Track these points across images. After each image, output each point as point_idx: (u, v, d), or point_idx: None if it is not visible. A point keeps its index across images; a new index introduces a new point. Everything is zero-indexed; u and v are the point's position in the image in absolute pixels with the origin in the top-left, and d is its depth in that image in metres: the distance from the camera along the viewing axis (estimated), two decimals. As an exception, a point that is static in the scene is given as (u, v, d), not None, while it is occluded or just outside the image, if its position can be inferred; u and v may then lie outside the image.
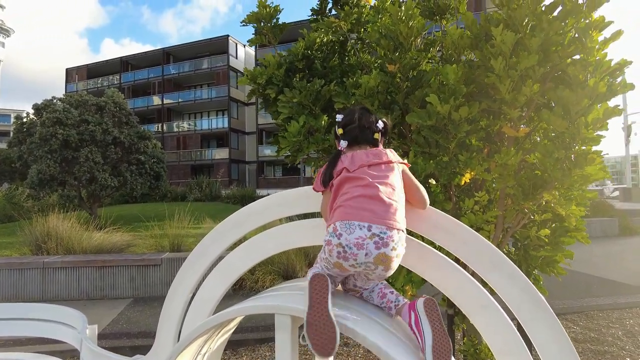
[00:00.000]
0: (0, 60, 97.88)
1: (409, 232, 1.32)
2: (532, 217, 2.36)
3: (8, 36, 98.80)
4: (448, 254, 1.32)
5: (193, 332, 1.21)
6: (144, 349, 2.03)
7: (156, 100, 37.42)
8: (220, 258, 1.73)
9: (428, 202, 1.39)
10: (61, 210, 8.88)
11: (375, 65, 3.10)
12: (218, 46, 35.98)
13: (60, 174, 12.03)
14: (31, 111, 13.20)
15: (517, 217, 2.33)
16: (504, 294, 1.16)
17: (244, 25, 3.25)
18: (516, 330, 1.13)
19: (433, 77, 2.50)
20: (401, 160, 1.43)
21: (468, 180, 2.28)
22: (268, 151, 35.14)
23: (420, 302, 1.15)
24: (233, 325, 1.37)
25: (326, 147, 2.59)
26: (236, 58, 36.65)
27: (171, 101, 37.15)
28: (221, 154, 35.21)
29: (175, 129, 37.07)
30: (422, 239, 1.39)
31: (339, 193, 1.33)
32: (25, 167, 13.17)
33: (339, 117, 1.51)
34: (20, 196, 17.28)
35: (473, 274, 1.31)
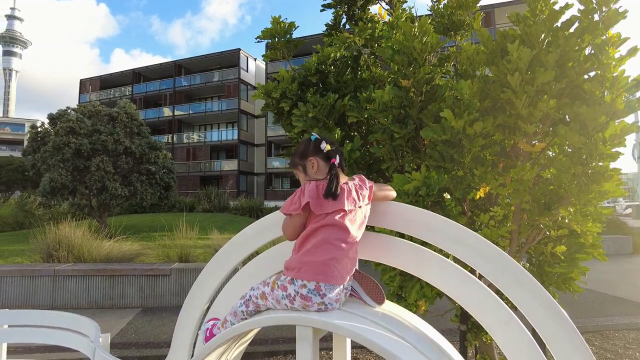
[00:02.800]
0: (17, 71, 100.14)
1: (430, 246, 1.32)
2: (547, 233, 2.34)
3: (25, 48, 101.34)
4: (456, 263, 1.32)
5: (213, 342, 1.22)
6: (154, 360, 2.03)
7: (167, 111, 37.93)
8: (236, 270, 1.73)
9: (394, 194, 1.51)
10: (72, 219, 8.97)
11: (389, 80, 3.14)
12: (229, 59, 36.52)
13: (72, 182, 12.18)
14: (44, 120, 13.48)
15: (532, 232, 2.31)
16: (526, 311, 1.15)
17: (258, 41, 3.30)
18: (538, 347, 1.12)
19: (447, 91, 2.52)
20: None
21: (483, 195, 2.28)
22: (277, 163, 35.29)
23: None
24: (250, 337, 1.37)
25: (340, 160, 2.60)
26: (247, 71, 37.13)
27: (182, 113, 37.62)
28: (230, 165, 35.45)
29: (185, 140, 37.46)
30: (442, 252, 1.39)
31: (323, 231, 1.34)
32: (38, 176, 13.37)
33: (314, 136, 1.51)
34: (32, 204, 17.50)
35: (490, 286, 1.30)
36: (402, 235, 1.56)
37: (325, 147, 1.46)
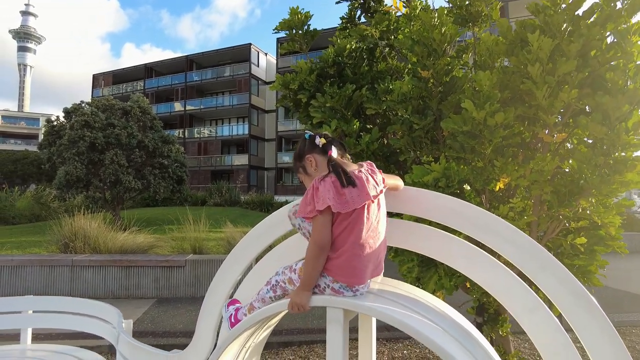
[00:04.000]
0: (31, 67, 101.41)
1: (455, 232, 1.33)
2: (566, 224, 2.33)
3: (39, 43, 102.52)
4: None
5: (241, 325, 1.25)
6: (169, 349, 2.07)
7: (179, 106, 38.19)
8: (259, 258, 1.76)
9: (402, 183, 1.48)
10: (86, 211, 9.12)
11: (406, 71, 3.13)
12: (240, 54, 36.59)
13: (87, 175, 12.38)
14: (57, 115, 13.70)
15: (551, 224, 2.30)
16: (555, 298, 1.15)
17: (276, 32, 3.32)
18: (566, 335, 1.12)
19: (466, 83, 2.51)
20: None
21: (502, 187, 2.28)
22: (287, 158, 35.34)
23: None
24: (275, 321, 1.40)
25: (358, 151, 2.62)
26: (257, 66, 37.17)
27: (193, 107, 37.85)
28: (241, 160, 35.63)
29: (197, 135, 37.70)
30: (469, 239, 1.39)
31: (354, 232, 1.29)
32: (54, 169, 13.60)
33: (308, 134, 1.48)
34: (47, 197, 17.80)
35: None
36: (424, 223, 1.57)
37: (320, 141, 1.42)
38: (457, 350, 1.00)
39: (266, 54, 38.75)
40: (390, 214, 1.54)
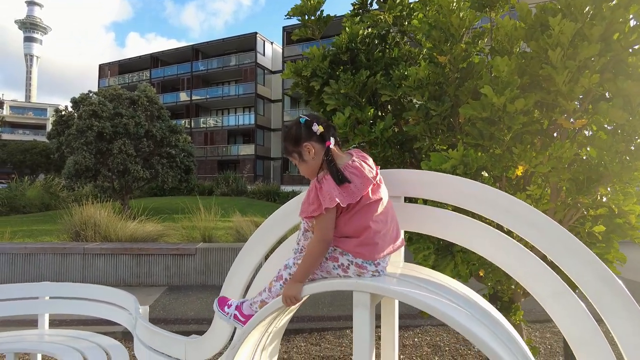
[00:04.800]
0: (37, 57, 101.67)
1: (479, 217, 1.32)
2: (584, 212, 2.30)
3: (45, 34, 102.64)
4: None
5: (267, 308, 1.25)
6: (182, 335, 2.08)
7: (185, 96, 38.20)
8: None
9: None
10: (95, 201, 9.20)
11: (421, 57, 3.09)
12: (246, 43, 36.41)
13: (95, 165, 12.46)
14: (65, 105, 13.77)
15: (569, 211, 2.27)
16: (581, 283, 1.14)
17: (287, 18, 3.28)
18: (594, 320, 1.11)
19: (483, 69, 2.47)
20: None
21: (520, 174, 2.25)
22: (293, 148, 35.27)
23: None
24: (296, 306, 1.40)
25: (372, 138, 2.60)
26: (263, 55, 37.00)
27: (199, 97, 37.85)
28: (247, 150, 35.68)
29: (203, 125, 37.75)
30: (491, 223, 1.38)
31: (363, 214, 1.32)
32: (62, 159, 13.70)
33: (303, 118, 1.44)
34: (56, 186, 17.98)
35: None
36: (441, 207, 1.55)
37: (318, 128, 1.38)
38: (488, 336, 1.00)
39: (272, 43, 38.53)
40: (409, 200, 1.53)
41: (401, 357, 3.61)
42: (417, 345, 3.90)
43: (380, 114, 3.14)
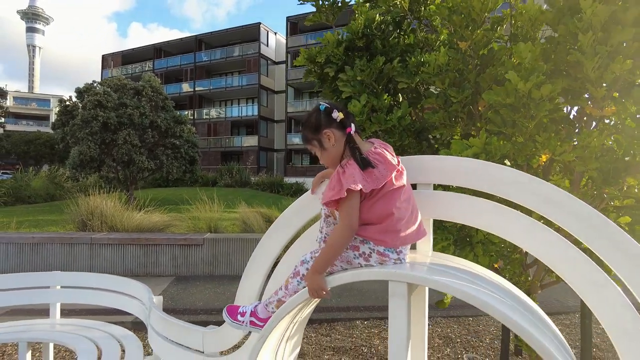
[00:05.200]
0: (40, 47, 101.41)
1: (516, 206, 1.26)
2: (610, 202, 2.24)
3: (47, 24, 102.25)
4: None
5: (297, 297, 1.21)
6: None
7: (188, 87, 38.06)
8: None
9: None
10: (101, 191, 9.19)
11: (438, 43, 3.01)
12: (249, 33, 36.15)
13: (100, 155, 12.43)
14: (68, 96, 13.69)
15: (594, 202, 2.22)
16: (625, 276, 1.08)
17: (301, 3, 3.20)
18: (636, 311, 1.07)
19: (503, 56, 2.40)
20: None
21: (542, 163, 2.19)
22: (296, 139, 35.21)
23: None
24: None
25: (389, 127, 2.54)
26: (267, 46, 36.74)
27: (202, 88, 37.69)
28: (250, 141, 35.59)
29: (206, 116, 37.64)
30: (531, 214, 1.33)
31: (386, 201, 1.30)
32: (66, 149, 13.68)
33: (323, 105, 1.41)
34: (61, 177, 18.01)
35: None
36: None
37: (338, 115, 1.36)
38: (532, 327, 0.95)
39: (275, 34, 38.25)
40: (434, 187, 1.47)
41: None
42: (428, 336, 3.87)
43: (394, 102, 3.08)
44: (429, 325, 4.18)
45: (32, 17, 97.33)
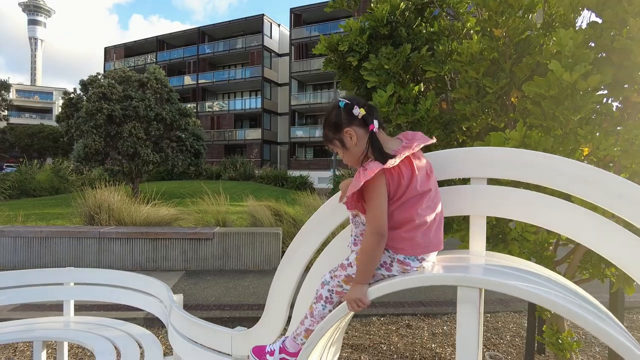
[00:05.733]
0: (42, 40, 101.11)
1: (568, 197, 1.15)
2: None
3: (49, 16, 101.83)
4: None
5: (336, 313, 1.12)
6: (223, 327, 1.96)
7: (191, 79, 37.86)
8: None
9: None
10: (105, 184, 9.13)
11: (464, 31, 2.89)
12: (252, 25, 35.85)
13: (105, 148, 12.34)
14: (70, 89, 13.58)
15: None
16: None
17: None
18: None
19: (538, 45, 2.29)
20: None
21: (584, 157, 2.08)
22: (300, 132, 35.06)
23: None
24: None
25: (417, 118, 2.42)
26: (270, 38, 36.44)
27: (205, 81, 37.49)
28: (254, 134, 35.45)
29: (209, 109, 37.47)
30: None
31: (411, 205, 1.23)
32: (71, 142, 13.60)
33: (343, 102, 1.32)
34: (65, 170, 17.97)
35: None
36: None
37: (359, 112, 1.27)
38: (608, 328, 0.85)
39: (279, 25, 37.92)
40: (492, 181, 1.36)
41: (433, 345, 3.50)
42: (448, 333, 3.79)
43: (415, 90, 2.96)
44: (446, 322, 4.10)
45: (33, 9, 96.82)
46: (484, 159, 1.29)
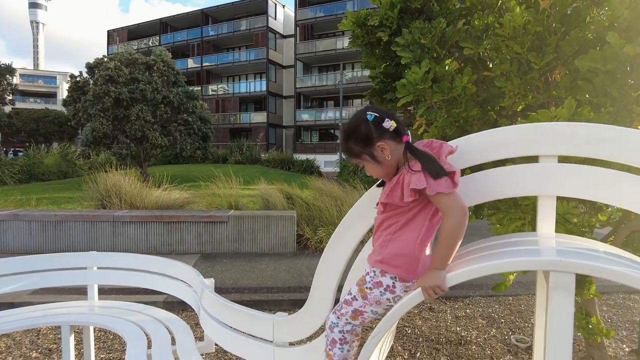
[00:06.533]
0: (43, 24, 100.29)
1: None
2: None
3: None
4: None
5: (407, 302, 1.05)
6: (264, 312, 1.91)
7: (195, 62, 37.47)
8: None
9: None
10: (115, 168, 9.09)
11: (500, 3, 2.74)
12: (257, 7, 35.24)
13: (113, 132, 12.27)
14: (76, 72, 13.44)
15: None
16: None
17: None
18: None
19: (588, 15, 2.15)
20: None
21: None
22: (305, 116, 34.79)
23: None
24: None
25: (454, 96, 2.32)
26: (275, 19, 35.86)
27: (210, 64, 37.10)
28: (259, 117, 35.21)
29: (213, 92, 37.16)
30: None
31: (423, 216, 1.25)
32: (78, 126, 13.53)
33: (372, 115, 1.25)
34: (72, 154, 17.97)
35: None
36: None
37: (391, 124, 1.22)
38: None
39: (284, 6, 37.26)
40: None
41: (457, 329, 3.46)
42: (471, 316, 3.75)
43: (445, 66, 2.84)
44: (468, 305, 4.06)
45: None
46: (557, 135, 1.19)
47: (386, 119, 1.23)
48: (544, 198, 1.21)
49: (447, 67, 2.40)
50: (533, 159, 1.25)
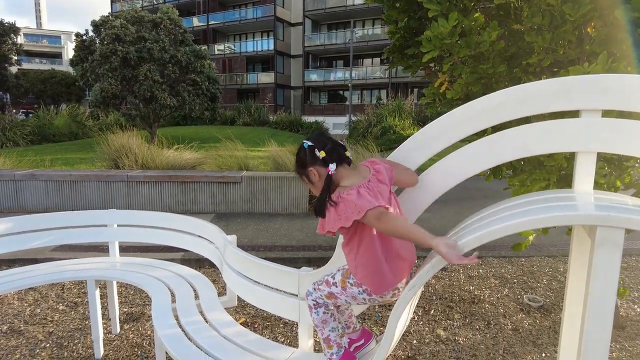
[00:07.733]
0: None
1: None
2: None
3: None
4: None
5: (432, 268, 1.05)
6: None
7: (201, 20, 36.47)
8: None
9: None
10: (123, 129, 9.07)
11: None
12: (263, -40, 33.81)
13: (122, 92, 12.16)
14: (83, 30, 13.15)
15: None
16: None
17: None
18: None
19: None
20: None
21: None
22: (314, 76, 34.13)
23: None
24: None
25: (481, 51, 2.22)
26: (282, -27, 34.47)
27: (216, 22, 36.09)
28: (266, 78, 34.58)
29: (220, 51, 36.38)
30: None
31: (368, 235, 1.35)
32: (86, 86, 13.42)
33: (307, 143, 1.39)
34: (82, 115, 17.96)
35: None
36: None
37: (319, 154, 1.35)
38: None
39: (292, -40, 35.66)
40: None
41: (471, 288, 3.52)
42: (484, 276, 3.80)
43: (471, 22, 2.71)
44: (481, 265, 4.10)
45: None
46: (602, 88, 1.13)
47: (316, 149, 1.35)
48: (584, 154, 1.17)
49: (477, 21, 2.28)
50: (561, 115, 1.20)
